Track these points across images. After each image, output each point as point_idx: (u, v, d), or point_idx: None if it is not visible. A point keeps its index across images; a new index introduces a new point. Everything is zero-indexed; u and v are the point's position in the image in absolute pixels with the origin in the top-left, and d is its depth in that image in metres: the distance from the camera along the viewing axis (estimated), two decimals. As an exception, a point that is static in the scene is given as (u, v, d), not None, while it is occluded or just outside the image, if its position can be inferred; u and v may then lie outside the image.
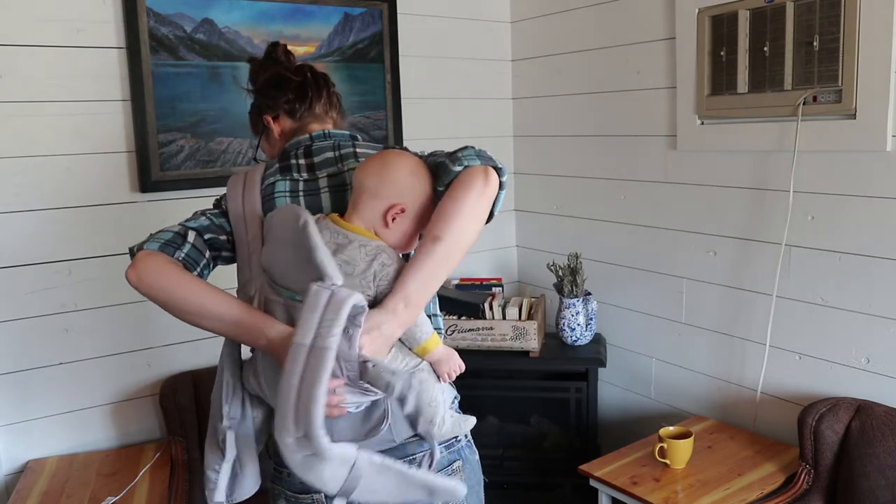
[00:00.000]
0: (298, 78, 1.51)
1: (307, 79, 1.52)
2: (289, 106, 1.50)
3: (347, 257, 1.21)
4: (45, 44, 2.16)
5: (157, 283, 1.24)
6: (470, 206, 1.23)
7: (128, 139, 2.30)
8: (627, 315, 2.76)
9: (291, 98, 1.49)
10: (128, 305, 2.35)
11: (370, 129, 2.75)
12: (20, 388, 2.22)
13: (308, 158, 1.41)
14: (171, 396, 2.35)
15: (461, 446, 1.39)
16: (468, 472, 1.39)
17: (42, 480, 2.12)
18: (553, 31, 2.90)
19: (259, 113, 1.54)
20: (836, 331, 2.13)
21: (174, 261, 1.29)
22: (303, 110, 1.50)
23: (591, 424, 2.62)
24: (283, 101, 1.50)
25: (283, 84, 1.50)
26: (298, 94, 1.50)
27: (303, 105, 1.50)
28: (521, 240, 3.22)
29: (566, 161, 2.93)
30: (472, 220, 1.24)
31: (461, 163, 1.29)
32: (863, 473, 1.91)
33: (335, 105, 1.56)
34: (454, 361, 1.29)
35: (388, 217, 1.27)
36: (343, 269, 1.17)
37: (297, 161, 1.41)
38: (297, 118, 1.50)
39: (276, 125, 1.52)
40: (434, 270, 1.21)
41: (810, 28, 2.03)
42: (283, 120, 1.51)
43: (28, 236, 2.19)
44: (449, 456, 1.36)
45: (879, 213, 1.99)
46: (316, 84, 1.53)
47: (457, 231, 1.22)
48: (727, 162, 2.34)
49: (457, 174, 1.27)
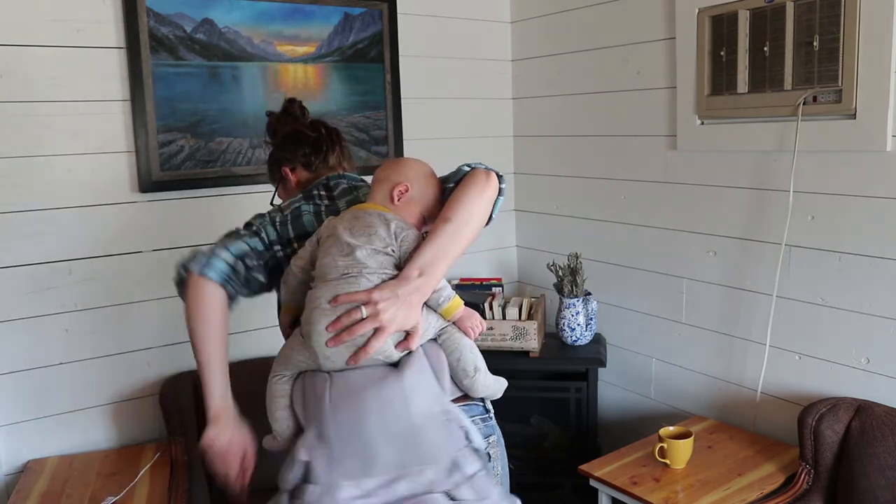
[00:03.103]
0: (314, 134, 1.71)
1: (322, 134, 1.72)
2: (305, 159, 1.68)
3: (368, 223, 1.37)
4: (45, 44, 2.16)
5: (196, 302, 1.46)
6: (475, 195, 1.40)
7: (128, 139, 2.30)
8: (627, 315, 2.76)
9: (308, 152, 1.68)
10: (128, 305, 2.35)
11: (370, 129, 2.75)
12: (20, 388, 2.22)
13: (328, 191, 1.60)
14: (171, 396, 2.35)
15: (494, 423, 1.51)
16: (501, 448, 1.52)
17: (42, 480, 2.12)
18: (553, 31, 2.90)
19: (278, 165, 1.72)
20: (836, 331, 2.13)
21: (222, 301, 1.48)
22: (318, 163, 1.68)
23: (591, 424, 2.62)
24: (301, 155, 1.68)
25: (301, 139, 1.70)
26: (315, 149, 1.69)
27: (318, 158, 1.68)
28: (521, 240, 3.22)
29: (566, 161, 2.93)
30: (477, 206, 1.41)
31: (468, 165, 1.50)
32: (863, 473, 1.91)
33: (347, 156, 1.75)
34: (475, 318, 1.43)
35: (394, 193, 1.44)
36: (366, 232, 1.35)
37: (319, 192, 1.59)
38: (312, 170, 1.68)
39: (293, 176, 1.70)
40: (445, 244, 1.36)
41: (810, 28, 2.03)
42: (300, 171, 1.69)
43: (28, 236, 2.19)
44: (485, 429, 1.46)
45: (879, 213, 1.99)
46: (330, 139, 1.72)
47: (464, 213, 1.39)
48: (727, 162, 2.34)
49: (465, 173, 1.47)
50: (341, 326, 1.29)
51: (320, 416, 1.31)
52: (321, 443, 1.31)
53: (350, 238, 1.35)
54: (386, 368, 1.33)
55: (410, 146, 2.85)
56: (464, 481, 1.32)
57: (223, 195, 2.46)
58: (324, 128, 1.74)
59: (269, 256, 1.50)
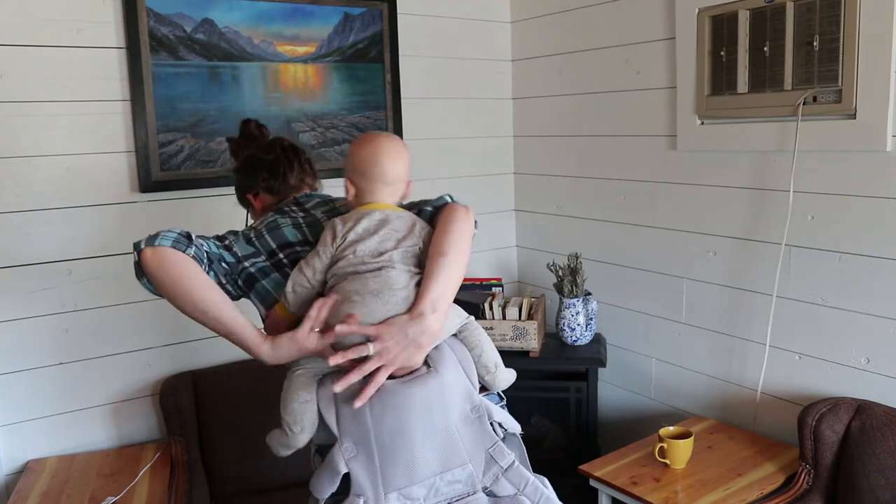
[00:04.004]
0: (270, 156, 1.67)
1: (278, 154, 1.67)
2: (266, 184, 1.66)
3: (395, 227, 1.40)
4: (45, 44, 2.16)
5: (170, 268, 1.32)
6: (460, 228, 1.42)
7: (128, 139, 2.30)
8: (627, 315, 2.76)
9: (266, 176, 1.65)
10: (128, 305, 2.35)
11: (370, 129, 2.75)
12: (20, 388, 2.22)
13: (299, 206, 1.57)
14: (171, 396, 2.35)
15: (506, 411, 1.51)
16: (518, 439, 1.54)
17: (42, 480, 2.12)
18: (553, 31, 2.90)
19: (242, 192, 1.72)
20: (836, 331, 2.13)
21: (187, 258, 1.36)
22: (279, 185, 1.65)
23: (591, 424, 2.62)
24: (261, 180, 1.65)
25: (257, 163, 1.67)
26: (272, 172, 1.65)
27: (277, 181, 1.65)
28: (521, 240, 3.22)
29: (566, 161, 2.93)
30: (465, 241, 1.42)
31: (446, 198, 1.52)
32: (863, 473, 1.91)
33: (308, 173, 1.71)
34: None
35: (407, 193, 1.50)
36: (394, 236, 1.38)
37: (290, 208, 1.57)
38: (275, 193, 1.66)
39: (257, 202, 1.68)
40: (447, 279, 1.36)
41: (810, 28, 2.03)
42: (263, 196, 1.67)
43: (28, 236, 2.19)
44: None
45: (879, 213, 1.99)
46: (287, 158, 1.68)
47: (456, 248, 1.39)
48: (727, 162, 2.34)
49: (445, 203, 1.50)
50: (346, 359, 1.29)
51: (361, 427, 1.29)
52: (362, 453, 1.29)
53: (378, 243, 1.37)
54: (420, 370, 1.34)
55: (410, 146, 2.82)
56: (501, 474, 1.35)
57: (223, 195, 2.46)
58: (280, 147, 1.69)
59: (239, 270, 1.44)
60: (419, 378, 1.32)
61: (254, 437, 2.35)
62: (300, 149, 1.74)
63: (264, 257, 1.45)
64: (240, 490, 2.34)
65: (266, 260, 1.44)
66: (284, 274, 1.42)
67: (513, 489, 1.36)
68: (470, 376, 1.40)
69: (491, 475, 1.35)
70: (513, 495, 1.35)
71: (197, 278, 1.33)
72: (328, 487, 1.29)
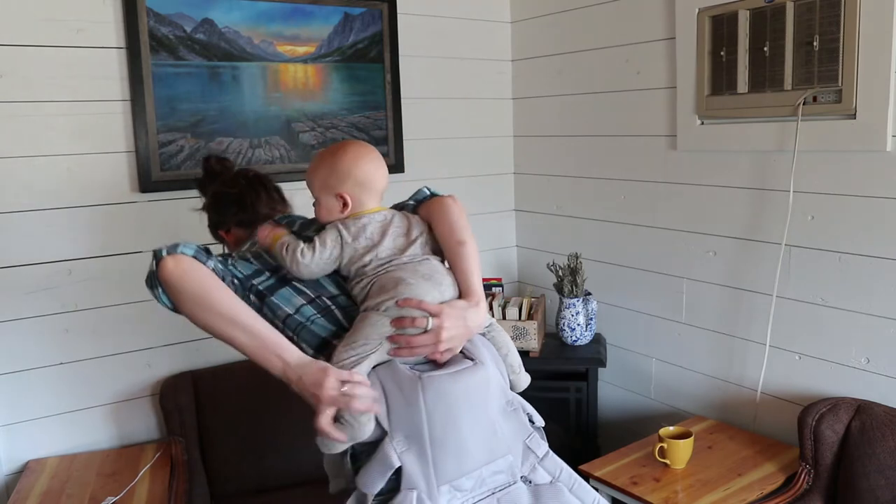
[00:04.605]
0: (234, 189, 1.66)
1: (243, 186, 1.66)
2: (236, 218, 1.66)
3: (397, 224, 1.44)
4: (45, 44, 2.16)
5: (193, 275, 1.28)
6: (460, 214, 1.47)
7: (128, 139, 2.30)
8: (627, 315, 2.76)
9: (235, 210, 1.66)
10: (128, 305, 2.35)
11: (370, 129, 2.75)
12: (20, 388, 2.22)
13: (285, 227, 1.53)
14: (171, 396, 2.35)
15: None
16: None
17: (42, 480, 2.12)
18: (553, 31, 2.90)
19: (214, 228, 1.71)
20: (836, 331, 2.13)
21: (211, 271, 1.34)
22: (249, 217, 1.65)
23: (591, 424, 2.62)
24: (231, 215, 1.65)
25: (224, 199, 1.66)
26: (240, 205, 1.66)
27: (247, 213, 1.65)
28: (521, 240, 3.22)
29: (566, 161, 2.93)
30: (468, 225, 1.47)
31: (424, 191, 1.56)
32: (863, 473, 1.91)
33: (277, 199, 1.72)
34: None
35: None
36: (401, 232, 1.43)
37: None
38: (248, 225, 1.65)
39: (230, 237, 1.68)
40: (478, 267, 1.44)
41: (810, 28, 2.03)
42: (235, 231, 1.68)
43: (28, 236, 2.19)
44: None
45: (879, 213, 1.99)
46: (253, 189, 1.67)
47: (468, 232, 1.45)
48: (727, 162, 2.34)
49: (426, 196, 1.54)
50: (402, 327, 1.31)
51: (413, 420, 1.29)
52: (413, 446, 1.29)
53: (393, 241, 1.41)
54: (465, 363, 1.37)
55: (410, 146, 2.86)
56: (537, 463, 1.41)
57: (223, 195, 2.46)
58: (244, 178, 1.69)
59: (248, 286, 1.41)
60: (468, 370, 1.35)
61: (254, 437, 2.36)
62: (265, 177, 1.73)
63: (268, 274, 1.43)
64: (240, 490, 2.34)
65: (271, 276, 1.43)
66: (294, 287, 1.41)
67: (549, 477, 1.42)
68: (502, 372, 1.46)
69: (529, 465, 1.41)
70: (549, 483, 1.41)
71: (223, 289, 1.31)
72: (379, 482, 1.29)
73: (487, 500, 1.34)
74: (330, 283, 1.44)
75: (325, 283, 1.43)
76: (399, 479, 1.29)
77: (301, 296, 1.40)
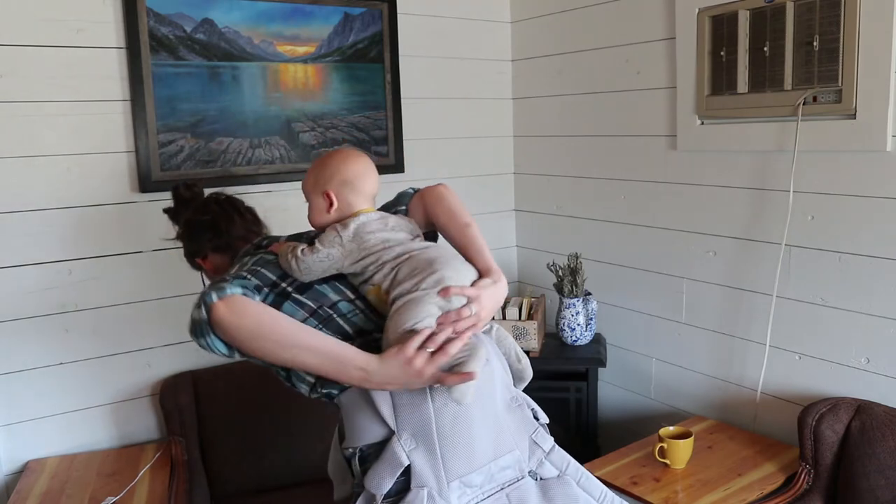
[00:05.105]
0: (207, 216, 1.63)
1: (215, 212, 1.64)
2: (211, 244, 1.63)
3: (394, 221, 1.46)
4: (45, 44, 2.16)
5: (249, 311, 1.26)
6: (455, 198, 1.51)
7: (128, 139, 2.30)
8: (627, 315, 2.76)
9: (210, 237, 1.63)
10: (128, 305, 2.35)
11: (370, 129, 2.75)
12: (20, 388, 2.22)
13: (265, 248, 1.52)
14: (171, 396, 2.35)
15: None
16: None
17: (42, 480, 2.12)
18: (553, 31, 2.90)
19: (191, 257, 1.68)
20: (836, 331, 2.13)
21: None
22: (225, 242, 1.63)
23: (591, 424, 2.62)
24: (206, 242, 1.62)
25: (197, 227, 1.63)
26: (214, 231, 1.63)
27: (222, 238, 1.63)
28: (521, 240, 3.22)
29: (566, 161, 2.93)
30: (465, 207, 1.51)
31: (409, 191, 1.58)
32: (863, 473, 1.91)
33: (251, 220, 1.69)
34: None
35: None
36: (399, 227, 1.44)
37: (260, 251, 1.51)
38: (224, 250, 1.63)
39: (207, 264, 1.65)
40: (485, 243, 1.46)
41: (810, 28, 2.03)
42: (213, 257, 1.65)
43: (28, 236, 2.19)
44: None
45: (879, 213, 1.99)
46: (225, 213, 1.65)
47: (468, 213, 1.49)
48: (727, 162, 2.34)
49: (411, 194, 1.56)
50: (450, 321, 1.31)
51: (422, 417, 1.30)
52: (421, 444, 1.29)
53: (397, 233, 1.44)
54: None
55: (410, 146, 2.86)
56: (544, 457, 1.42)
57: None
58: (216, 203, 1.67)
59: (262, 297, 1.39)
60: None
61: (254, 437, 2.36)
62: (237, 200, 1.72)
63: (267, 290, 1.40)
64: (240, 490, 2.34)
65: (270, 293, 1.40)
66: (295, 301, 1.40)
67: (556, 471, 1.42)
68: (505, 368, 1.46)
69: (535, 459, 1.41)
70: (557, 476, 1.42)
71: (279, 317, 1.30)
72: (388, 481, 1.28)
73: (497, 495, 1.35)
74: (329, 290, 1.43)
75: (324, 291, 1.43)
76: (407, 480, 1.29)
77: (303, 308, 1.39)
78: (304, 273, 1.40)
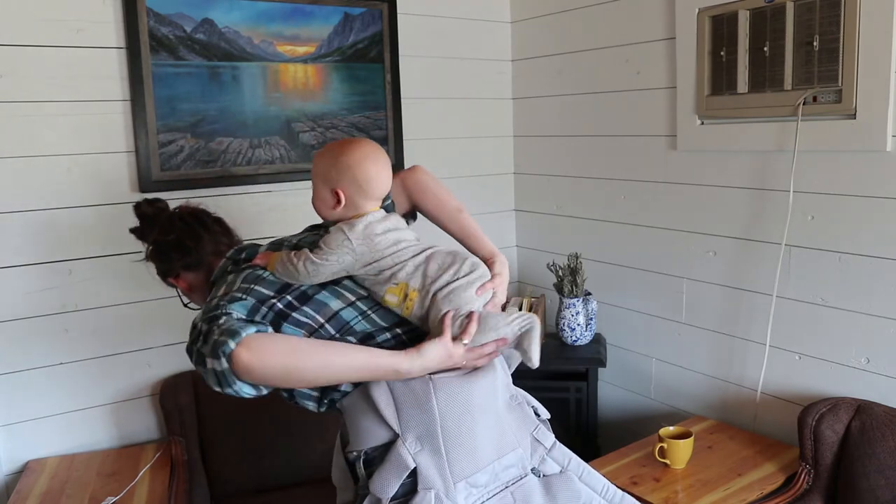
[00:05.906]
0: (172, 235, 1.56)
1: (180, 231, 1.57)
2: (181, 263, 1.57)
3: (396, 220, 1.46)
4: (45, 44, 2.16)
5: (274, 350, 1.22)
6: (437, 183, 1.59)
7: (128, 139, 2.30)
8: (627, 315, 2.76)
9: (178, 256, 1.56)
10: (128, 305, 2.35)
11: (370, 129, 2.75)
12: (20, 388, 2.22)
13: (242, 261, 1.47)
14: (171, 396, 2.35)
15: None
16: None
17: (42, 480, 2.12)
18: (553, 31, 2.90)
19: (163, 276, 1.62)
20: (836, 331, 2.13)
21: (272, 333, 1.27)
22: (195, 259, 1.57)
23: (591, 424, 2.62)
24: (175, 261, 1.57)
25: (164, 247, 1.57)
26: (181, 251, 1.56)
27: (191, 256, 1.56)
28: (521, 240, 3.22)
29: (566, 161, 2.93)
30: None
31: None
32: (863, 473, 1.91)
33: (220, 232, 1.62)
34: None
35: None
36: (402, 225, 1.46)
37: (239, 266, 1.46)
38: (196, 268, 1.58)
39: (181, 282, 1.60)
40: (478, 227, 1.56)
41: (810, 28, 2.03)
42: (185, 275, 1.60)
43: (28, 236, 2.19)
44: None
45: (879, 213, 1.99)
46: (191, 230, 1.58)
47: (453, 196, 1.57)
48: (727, 162, 2.34)
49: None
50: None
51: (426, 419, 1.30)
52: (426, 446, 1.29)
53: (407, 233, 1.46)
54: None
55: (410, 146, 2.86)
56: (546, 454, 1.43)
57: (223, 195, 2.46)
58: (180, 220, 1.59)
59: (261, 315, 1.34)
60: (477, 371, 1.38)
61: (254, 437, 2.36)
62: (203, 212, 1.64)
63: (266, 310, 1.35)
64: (240, 490, 2.34)
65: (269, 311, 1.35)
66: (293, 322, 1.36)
67: (558, 467, 1.43)
68: (504, 368, 1.47)
69: (538, 456, 1.42)
70: (559, 472, 1.42)
71: (302, 342, 1.28)
72: (394, 484, 1.28)
73: (501, 494, 1.35)
74: (330, 297, 1.39)
75: (325, 300, 1.38)
76: (413, 482, 1.29)
77: (303, 329, 1.35)
78: (311, 276, 1.37)
